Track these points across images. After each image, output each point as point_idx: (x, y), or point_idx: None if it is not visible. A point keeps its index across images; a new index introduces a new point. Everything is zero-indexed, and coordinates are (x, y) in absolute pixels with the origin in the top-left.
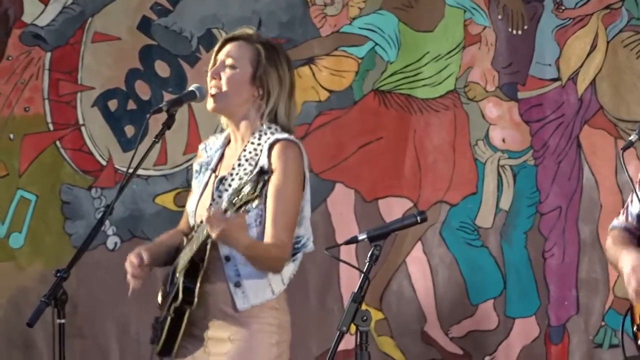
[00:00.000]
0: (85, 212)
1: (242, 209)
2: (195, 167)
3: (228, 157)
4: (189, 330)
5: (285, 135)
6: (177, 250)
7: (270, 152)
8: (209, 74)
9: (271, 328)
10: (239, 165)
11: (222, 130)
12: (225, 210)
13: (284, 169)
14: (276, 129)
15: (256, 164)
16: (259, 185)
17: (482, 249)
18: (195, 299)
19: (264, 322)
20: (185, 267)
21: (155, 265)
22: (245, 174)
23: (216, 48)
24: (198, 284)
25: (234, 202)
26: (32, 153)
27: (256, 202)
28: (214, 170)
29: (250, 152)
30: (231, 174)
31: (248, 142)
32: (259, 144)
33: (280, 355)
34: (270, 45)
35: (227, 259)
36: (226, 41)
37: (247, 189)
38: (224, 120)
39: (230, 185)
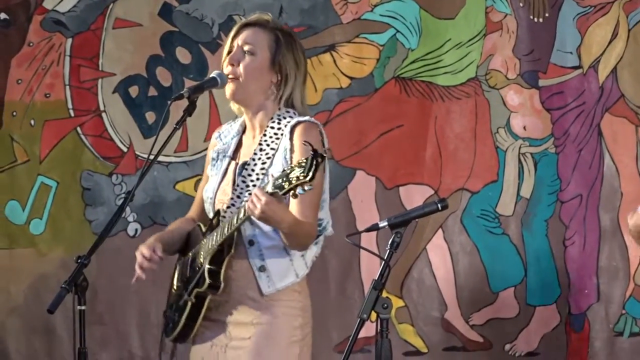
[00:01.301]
0: (106, 199)
1: (292, 192)
2: (212, 154)
3: (246, 144)
4: (208, 315)
5: (307, 117)
6: (189, 237)
7: (292, 134)
8: (225, 60)
9: (295, 311)
10: (261, 150)
11: (234, 118)
12: (271, 194)
13: (306, 150)
14: (294, 113)
15: (278, 148)
16: (313, 169)
17: (503, 237)
18: (222, 284)
19: (288, 306)
20: (212, 251)
21: (167, 254)
22: (268, 158)
23: (233, 33)
24: (223, 269)
25: (282, 185)
26: (52, 139)
27: (307, 186)
28: (232, 157)
29: (270, 137)
30: (253, 159)
31: (267, 127)
32: (279, 128)
33: (304, 338)
34: (286, 31)
35: (251, 243)
36: (243, 27)
37: (297, 172)
38: (236, 107)
39: (253, 170)
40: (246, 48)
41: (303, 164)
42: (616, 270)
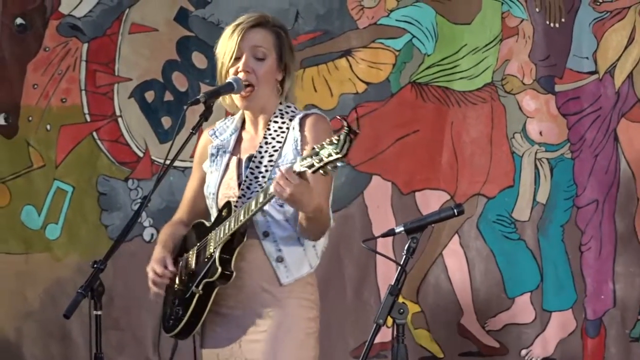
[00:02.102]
0: (122, 204)
1: (322, 170)
2: (212, 150)
3: (246, 139)
4: (217, 310)
5: (314, 110)
6: (184, 240)
7: (302, 126)
8: (235, 65)
9: (309, 303)
10: (266, 143)
11: (226, 116)
12: (299, 174)
13: (320, 139)
14: (295, 108)
15: (284, 140)
16: (347, 145)
17: (519, 242)
18: (234, 273)
19: (302, 298)
20: (225, 240)
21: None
22: (275, 150)
23: (238, 36)
24: (234, 258)
25: (313, 163)
26: (68, 144)
27: (340, 162)
28: (232, 153)
29: (275, 131)
30: (259, 152)
31: (271, 121)
32: (283, 122)
33: (316, 331)
34: (283, 26)
35: (266, 234)
36: (246, 29)
37: (330, 149)
38: (225, 102)
39: (260, 162)
40: (257, 53)
41: (335, 141)
42: (632, 276)
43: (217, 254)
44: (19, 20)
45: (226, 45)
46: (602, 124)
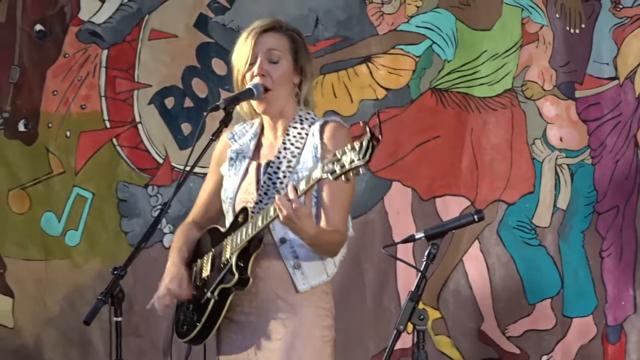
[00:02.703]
0: (142, 210)
1: (344, 176)
2: (230, 154)
3: (265, 144)
4: (232, 317)
5: (334, 117)
6: (198, 244)
7: (322, 133)
8: (250, 70)
9: (324, 312)
10: (285, 149)
11: (244, 120)
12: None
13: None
14: (315, 115)
15: (303, 147)
16: (370, 151)
17: (540, 248)
18: (250, 279)
19: (317, 306)
20: (242, 246)
21: None
22: (294, 156)
23: (252, 42)
24: (251, 264)
25: (334, 169)
26: (88, 150)
27: (362, 169)
28: (251, 158)
29: (294, 137)
30: (278, 158)
31: (290, 127)
32: (302, 128)
33: (331, 339)
34: (297, 31)
35: (283, 241)
36: (259, 33)
37: (351, 155)
38: (243, 111)
39: (279, 168)
40: (272, 56)
41: (357, 147)
42: None
43: (233, 260)
44: (38, 27)
45: (240, 51)
46: (623, 130)
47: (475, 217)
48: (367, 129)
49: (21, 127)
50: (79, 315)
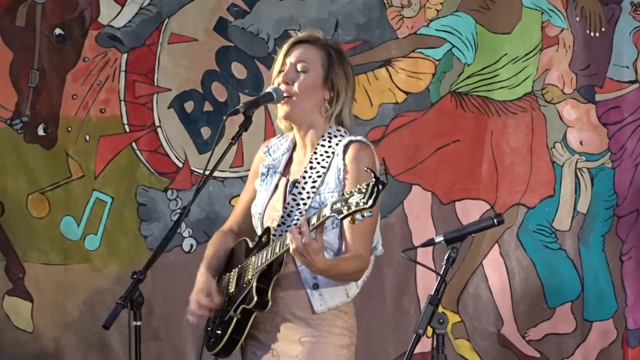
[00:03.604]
0: (161, 214)
1: (350, 217)
2: (262, 169)
3: (296, 160)
4: (254, 334)
5: (359, 137)
6: (232, 253)
7: (345, 153)
8: (277, 77)
9: (342, 331)
10: (311, 168)
11: (282, 133)
12: (328, 217)
13: (362, 172)
14: (345, 132)
15: (329, 166)
16: (374, 196)
17: (560, 252)
18: (270, 302)
19: (335, 325)
20: (262, 269)
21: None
22: (319, 176)
23: (284, 51)
24: (271, 287)
25: (341, 209)
26: (108, 155)
27: (367, 212)
28: (282, 174)
29: (321, 155)
30: (304, 177)
31: (318, 144)
32: (329, 146)
33: (350, 358)
34: (337, 48)
35: None
36: (294, 44)
37: (357, 197)
38: (283, 124)
39: (304, 189)
40: (299, 66)
41: (363, 190)
42: None
43: (254, 283)
44: (58, 31)
45: (276, 60)
46: None
47: (495, 220)
48: (373, 174)
49: (40, 131)
50: (98, 319)
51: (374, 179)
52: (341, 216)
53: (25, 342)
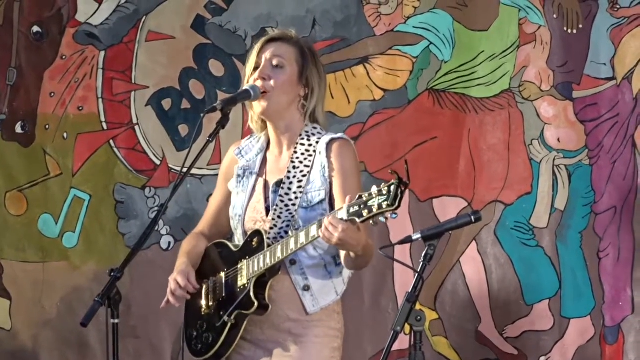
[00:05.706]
0: (139, 212)
1: (373, 220)
2: (238, 171)
3: (271, 160)
4: (244, 336)
5: (340, 135)
6: (206, 256)
7: (328, 151)
8: (253, 74)
9: (334, 332)
10: (294, 167)
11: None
12: (347, 221)
13: (347, 168)
14: (322, 129)
15: (312, 165)
16: (399, 197)
17: (537, 249)
18: (270, 305)
19: (328, 327)
20: (259, 274)
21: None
22: (304, 175)
23: (258, 48)
24: (267, 291)
25: (361, 213)
26: (85, 152)
27: (393, 214)
28: (258, 174)
29: (302, 154)
30: (288, 177)
31: (297, 143)
32: (310, 145)
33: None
34: (310, 46)
35: (292, 262)
36: (267, 42)
37: (379, 199)
38: (255, 125)
39: (290, 189)
40: (275, 61)
41: (384, 192)
42: None
43: (251, 287)
44: (35, 29)
45: (249, 58)
46: (620, 130)
47: (473, 218)
48: (396, 175)
49: (18, 129)
50: (76, 317)
51: (397, 179)
52: (362, 219)
53: (3, 340)
